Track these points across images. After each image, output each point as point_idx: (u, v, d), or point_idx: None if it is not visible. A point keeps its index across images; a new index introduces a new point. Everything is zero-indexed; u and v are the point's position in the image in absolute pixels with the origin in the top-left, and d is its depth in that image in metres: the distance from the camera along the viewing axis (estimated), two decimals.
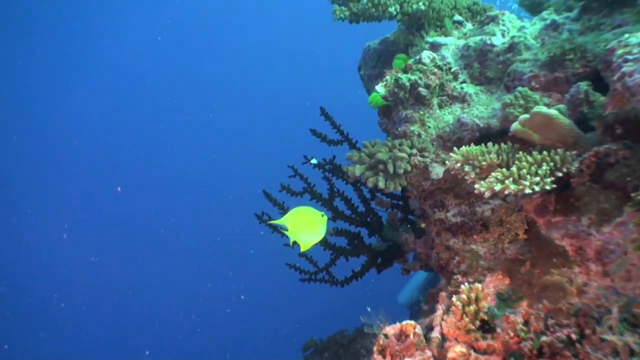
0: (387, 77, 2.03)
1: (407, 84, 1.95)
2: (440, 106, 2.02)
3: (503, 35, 2.14)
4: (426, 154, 1.89)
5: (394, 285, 4.70)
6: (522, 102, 1.84)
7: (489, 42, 2.09)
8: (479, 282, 1.48)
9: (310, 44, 20.52)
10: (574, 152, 1.21)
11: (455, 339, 1.22)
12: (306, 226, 1.54)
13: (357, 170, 1.85)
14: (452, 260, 1.81)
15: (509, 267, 1.39)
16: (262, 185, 2.44)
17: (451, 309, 1.13)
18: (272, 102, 20.18)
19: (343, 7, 2.48)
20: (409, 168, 1.83)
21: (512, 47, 2.00)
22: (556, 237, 1.25)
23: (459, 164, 1.41)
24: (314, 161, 2.41)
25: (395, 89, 1.98)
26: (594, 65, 1.74)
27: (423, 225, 2.01)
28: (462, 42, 2.22)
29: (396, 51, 2.57)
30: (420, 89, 1.95)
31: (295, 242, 1.59)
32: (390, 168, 1.81)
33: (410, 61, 2.14)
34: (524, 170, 1.19)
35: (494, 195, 1.92)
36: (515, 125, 1.32)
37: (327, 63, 19.90)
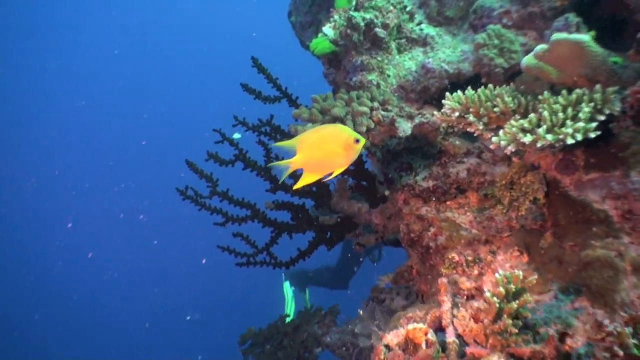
0: (336, 17, 1.67)
1: (362, 23, 1.60)
2: (399, 51, 1.71)
3: None
4: (389, 107, 1.57)
5: None
6: (496, 41, 1.58)
7: None
8: (479, 259, 1.21)
9: None
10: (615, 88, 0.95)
11: (474, 339, 0.93)
12: (323, 150, 1.02)
13: None
14: (426, 232, 1.53)
15: (526, 240, 1.13)
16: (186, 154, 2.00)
17: (482, 306, 0.84)
18: (194, 58, 18.63)
19: None
20: (372, 125, 1.50)
21: None
22: (594, 199, 0.99)
23: (456, 113, 1.10)
24: (236, 136, 2.04)
25: (348, 31, 1.62)
26: None
27: (387, 192, 1.71)
28: None
29: None
30: (377, 29, 1.61)
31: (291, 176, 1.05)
32: (350, 125, 1.47)
33: None
34: (560, 115, 0.91)
35: (468, 152, 1.67)
36: (527, 60, 1.03)
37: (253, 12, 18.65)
